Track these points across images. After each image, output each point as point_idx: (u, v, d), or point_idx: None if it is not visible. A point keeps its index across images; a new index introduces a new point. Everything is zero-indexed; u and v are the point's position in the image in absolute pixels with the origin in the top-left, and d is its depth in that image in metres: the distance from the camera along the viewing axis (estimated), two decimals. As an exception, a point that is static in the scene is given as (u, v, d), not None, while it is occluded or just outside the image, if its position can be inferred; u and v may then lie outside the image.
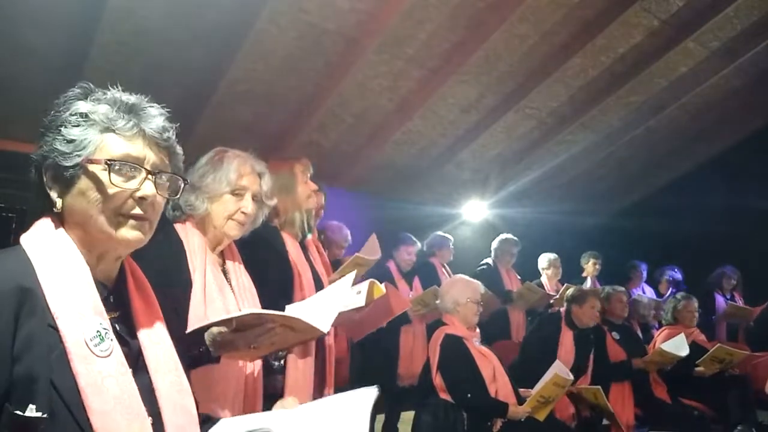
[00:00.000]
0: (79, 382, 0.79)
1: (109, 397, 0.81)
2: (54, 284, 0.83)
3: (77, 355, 0.80)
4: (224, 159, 1.58)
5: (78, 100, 0.91)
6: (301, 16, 3.32)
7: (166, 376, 0.93)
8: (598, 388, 3.29)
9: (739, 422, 3.68)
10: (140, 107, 0.93)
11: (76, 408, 0.78)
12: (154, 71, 3.48)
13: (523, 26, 3.76)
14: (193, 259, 1.49)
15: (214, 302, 1.46)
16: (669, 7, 3.83)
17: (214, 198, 1.55)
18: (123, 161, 0.90)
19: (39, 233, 0.90)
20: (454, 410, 2.86)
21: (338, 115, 4.37)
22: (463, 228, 6.19)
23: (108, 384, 0.82)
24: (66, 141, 0.88)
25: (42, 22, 3.05)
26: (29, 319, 0.78)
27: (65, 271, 0.86)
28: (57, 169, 0.89)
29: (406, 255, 4.30)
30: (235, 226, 1.57)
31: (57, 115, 0.91)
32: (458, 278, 3.28)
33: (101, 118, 0.90)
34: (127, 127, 0.91)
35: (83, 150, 0.88)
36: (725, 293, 5.07)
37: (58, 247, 0.88)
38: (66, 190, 0.89)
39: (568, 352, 3.53)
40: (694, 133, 5.71)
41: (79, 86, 0.93)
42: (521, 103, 4.58)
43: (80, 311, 0.84)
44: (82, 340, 0.82)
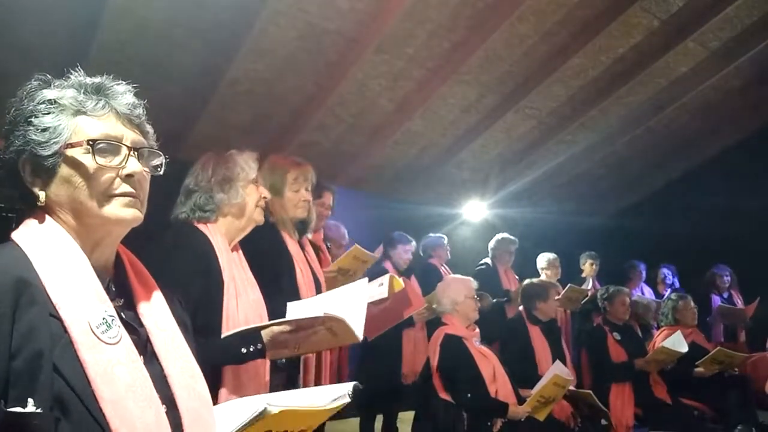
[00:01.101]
0: (87, 371, 0.77)
1: (121, 385, 0.79)
2: (53, 274, 0.81)
3: (84, 344, 0.78)
4: (234, 155, 1.70)
5: (41, 89, 0.89)
6: (301, 16, 3.32)
7: (177, 362, 0.92)
8: (590, 393, 3.29)
9: (739, 422, 3.68)
10: (106, 86, 0.91)
11: (87, 398, 0.76)
12: (154, 71, 3.48)
13: (523, 26, 3.77)
14: (222, 258, 1.57)
15: (241, 296, 1.57)
16: (669, 7, 3.84)
17: (245, 186, 1.67)
18: (103, 140, 0.87)
19: (30, 228, 0.87)
20: (454, 410, 2.86)
21: (338, 115, 4.37)
22: (463, 228, 6.19)
23: (118, 372, 0.80)
24: (40, 130, 0.85)
25: (42, 22, 3.05)
26: (29, 310, 0.76)
27: (63, 260, 0.83)
28: (35, 161, 0.86)
29: (404, 253, 4.29)
30: (260, 212, 1.72)
31: (22, 107, 0.88)
32: (451, 278, 3.30)
33: (70, 102, 0.88)
34: (98, 107, 0.89)
35: (59, 136, 0.86)
36: (721, 293, 5.06)
37: (52, 237, 0.85)
38: (48, 180, 0.87)
39: (544, 347, 3.51)
40: (694, 133, 5.71)
41: (36, 78, 0.90)
42: (521, 103, 4.58)
43: (83, 299, 0.82)
44: (89, 328, 0.80)
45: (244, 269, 1.68)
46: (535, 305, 3.62)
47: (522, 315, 3.67)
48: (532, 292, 3.69)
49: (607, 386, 3.61)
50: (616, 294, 4.00)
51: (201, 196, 1.63)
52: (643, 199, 6.79)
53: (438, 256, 4.66)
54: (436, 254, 4.67)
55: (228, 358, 1.42)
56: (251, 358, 1.41)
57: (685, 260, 5.46)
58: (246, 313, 1.56)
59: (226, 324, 1.50)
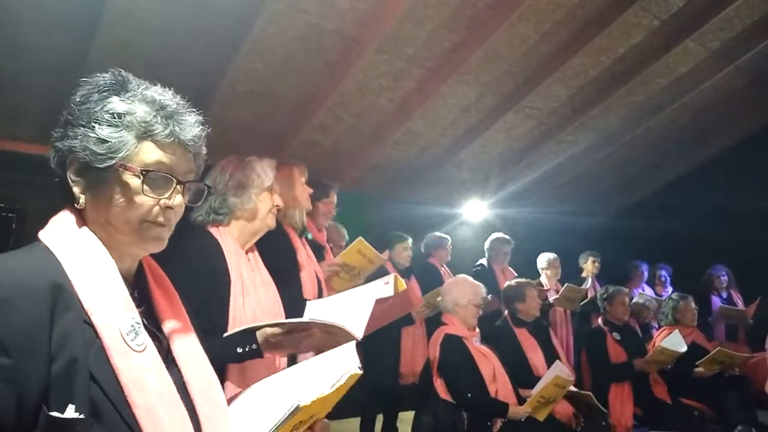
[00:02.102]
0: (120, 378, 0.78)
1: (152, 392, 0.80)
2: (84, 280, 0.81)
3: (116, 350, 0.79)
4: (252, 162, 1.77)
5: (113, 94, 0.88)
6: (301, 16, 3.32)
7: (195, 369, 0.93)
8: (589, 394, 3.29)
9: (739, 422, 3.69)
10: (180, 114, 0.91)
11: (120, 404, 0.77)
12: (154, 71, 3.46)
13: (523, 26, 3.76)
14: (230, 259, 1.62)
15: (250, 296, 1.61)
16: (669, 7, 3.83)
17: (259, 193, 1.75)
18: (157, 171, 0.88)
19: (61, 230, 0.87)
20: (454, 410, 2.86)
21: (338, 115, 4.37)
22: (463, 228, 6.19)
23: (148, 378, 0.81)
24: (99, 140, 0.85)
25: (42, 23, 3.05)
26: (64, 316, 0.76)
27: (93, 266, 0.83)
28: (85, 167, 0.86)
29: (403, 251, 4.30)
30: (273, 218, 1.79)
31: (89, 107, 0.87)
32: (461, 279, 3.26)
33: (139, 122, 0.87)
34: (164, 134, 0.88)
35: (116, 153, 0.85)
36: (720, 293, 5.07)
37: (83, 243, 0.86)
38: (92, 188, 0.87)
39: (534, 347, 3.51)
40: (694, 133, 5.71)
41: (112, 75, 0.89)
42: (521, 103, 4.58)
43: (113, 306, 0.82)
44: (119, 334, 0.80)
45: (258, 270, 1.73)
46: (515, 307, 3.59)
47: (507, 319, 3.64)
48: (509, 294, 3.66)
49: (606, 386, 3.61)
50: (616, 294, 4.00)
51: (216, 199, 1.70)
52: (643, 199, 6.79)
53: (438, 256, 4.67)
54: (437, 254, 4.67)
55: (226, 357, 1.45)
56: (247, 357, 1.44)
57: (685, 260, 5.46)
58: (254, 312, 1.59)
59: (233, 324, 1.54)
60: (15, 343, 0.71)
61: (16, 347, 0.71)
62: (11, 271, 0.76)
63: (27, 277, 0.76)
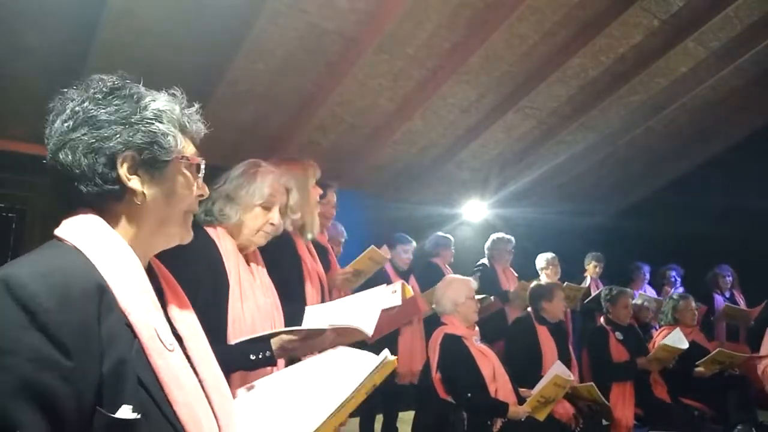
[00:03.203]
0: (160, 377, 0.79)
1: (188, 389, 0.83)
2: (119, 280, 0.81)
3: (155, 350, 0.80)
4: (258, 174, 1.68)
5: (142, 97, 0.91)
6: (301, 16, 3.32)
7: (209, 367, 0.95)
8: (591, 385, 3.30)
9: (739, 422, 3.69)
10: (192, 113, 0.97)
11: (163, 403, 0.78)
12: (154, 71, 3.46)
13: (523, 26, 3.77)
14: (228, 261, 1.58)
15: (248, 300, 1.57)
16: (669, 7, 3.84)
17: (246, 209, 1.65)
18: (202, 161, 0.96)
19: (84, 230, 0.85)
20: (454, 410, 2.86)
21: (338, 115, 4.37)
22: (463, 228, 6.19)
23: (182, 376, 0.83)
24: (163, 134, 0.89)
25: (42, 23, 3.05)
26: (108, 316, 0.77)
27: (125, 267, 0.84)
28: (145, 163, 0.88)
29: (404, 254, 4.30)
30: (262, 236, 1.69)
31: (125, 106, 0.88)
32: (452, 278, 3.28)
33: (177, 118, 0.93)
34: (192, 130, 0.96)
35: (176, 146, 0.90)
36: (723, 293, 5.07)
37: (112, 243, 0.85)
38: (151, 183, 0.89)
39: (551, 347, 3.53)
40: (694, 133, 5.71)
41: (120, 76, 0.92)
42: (521, 103, 4.58)
43: (146, 306, 0.83)
44: (155, 334, 0.82)
45: (258, 273, 1.68)
46: (541, 306, 3.66)
47: (530, 315, 3.70)
48: (537, 292, 3.73)
49: (607, 386, 3.61)
50: (620, 296, 4.00)
51: (209, 201, 1.64)
52: (643, 199, 6.80)
53: (442, 256, 4.67)
54: (441, 254, 4.67)
55: (237, 365, 1.43)
56: (261, 365, 1.43)
57: (685, 260, 5.47)
58: (253, 317, 1.56)
59: (232, 328, 1.51)
60: (74, 344, 0.71)
61: (76, 348, 0.71)
62: (59, 271, 0.75)
63: (77, 277, 0.76)
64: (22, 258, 0.78)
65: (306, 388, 1.05)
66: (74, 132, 0.85)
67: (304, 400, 1.00)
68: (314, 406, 0.96)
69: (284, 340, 1.43)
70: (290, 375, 1.14)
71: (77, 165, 0.84)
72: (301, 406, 0.98)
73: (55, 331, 0.69)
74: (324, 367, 1.10)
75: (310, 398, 1.00)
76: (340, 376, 1.00)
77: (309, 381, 1.07)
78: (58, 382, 0.68)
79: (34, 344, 0.68)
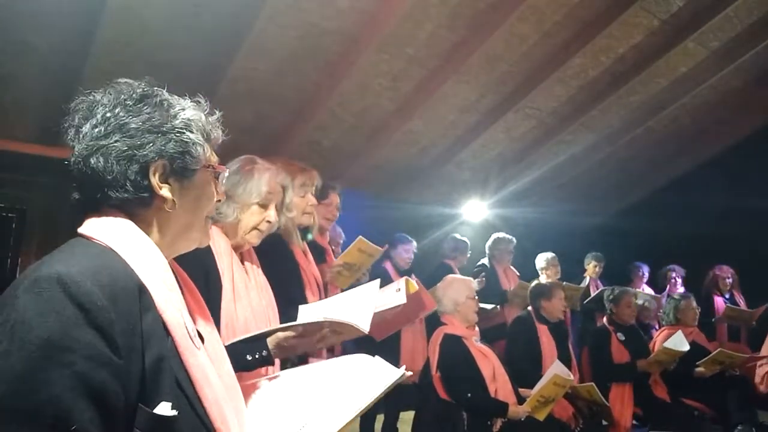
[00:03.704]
0: (192, 374, 0.81)
1: (216, 387, 0.85)
2: (153, 280, 0.83)
3: (186, 348, 0.82)
4: (255, 171, 1.64)
5: (172, 105, 0.94)
6: (301, 16, 3.32)
7: (224, 364, 0.97)
8: (592, 385, 3.30)
9: (739, 422, 3.69)
10: (215, 121, 1.01)
11: (195, 400, 0.80)
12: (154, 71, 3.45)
13: (523, 26, 3.77)
14: (221, 261, 1.55)
15: (242, 300, 1.55)
16: (669, 7, 3.84)
17: (243, 208, 1.61)
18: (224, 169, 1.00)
19: (114, 230, 0.86)
20: (454, 410, 2.86)
21: (338, 115, 4.37)
22: (463, 228, 6.18)
23: (210, 374, 0.85)
24: (195, 144, 0.91)
25: (42, 23, 3.05)
26: (147, 315, 0.79)
27: (156, 268, 0.86)
28: (176, 171, 0.90)
29: (404, 254, 4.30)
30: (257, 235, 1.65)
31: (157, 115, 0.89)
32: (451, 279, 3.28)
33: (203, 127, 0.96)
34: (215, 137, 0.99)
35: (203, 155, 0.93)
36: (723, 293, 5.05)
37: (143, 244, 0.87)
38: (180, 190, 0.91)
39: (551, 347, 3.53)
40: (694, 133, 5.71)
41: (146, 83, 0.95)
42: (521, 103, 4.58)
43: (177, 306, 0.85)
44: (186, 333, 0.84)
45: (252, 273, 1.66)
46: (540, 304, 3.66)
47: (530, 314, 3.70)
48: (536, 291, 3.75)
49: (607, 386, 3.61)
50: (622, 295, 3.99)
51: None
52: (643, 199, 6.79)
53: (457, 259, 4.67)
54: (456, 258, 4.67)
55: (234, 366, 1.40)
56: (258, 365, 1.41)
57: (685, 260, 5.46)
58: (246, 318, 1.53)
59: (225, 329, 1.48)
60: (123, 341, 0.73)
61: (124, 346, 0.73)
62: (105, 270, 0.77)
63: (120, 276, 0.78)
64: (59, 255, 0.79)
65: (320, 394, 1.05)
66: (106, 138, 0.86)
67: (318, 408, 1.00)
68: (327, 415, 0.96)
69: (280, 338, 1.40)
70: (304, 376, 1.14)
71: (109, 171, 0.85)
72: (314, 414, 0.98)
73: (108, 328, 0.72)
74: (340, 374, 1.09)
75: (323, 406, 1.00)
76: (356, 387, 1.01)
77: (323, 387, 1.07)
78: (110, 379, 0.71)
79: (89, 341, 0.70)
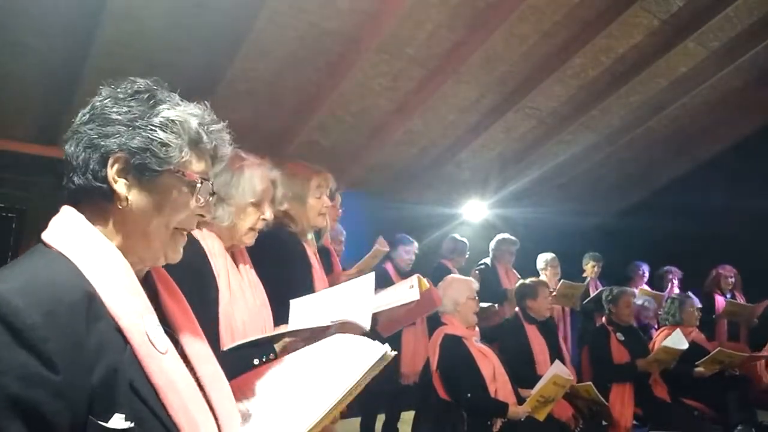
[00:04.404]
0: (155, 382, 0.78)
1: (183, 392, 0.82)
2: (108, 286, 0.80)
3: (146, 355, 0.79)
4: (245, 168, 1.57)
5: (158, 101, 0.89)
6: (301, 16, 3.32)
7: (208, 365, 0.94)
8: (590, 384, 3.30)
9: (739, 422, 3.69)
10: (221, 132, 0.96)
11: (158, 408, 0.78)
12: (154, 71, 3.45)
13: (523, 26, 3.77)
14: (216, 263, 1.50)
15: (238, 303, 1.51)
16: (669, 7, 3.84)
17: (239, 210, 1.55)
18: (208, 180, 0.92)
19: (70, 234, 0.84)
20: (454, 410, 2.86)
21: (338, 115, 4.37)
22: (463, 228, 6.18)
23: (176, 379, 0.82)
24: (161, 144, 0.86)
25: (42, 22, 3.05)
26: (96, 324, 0.76)
27: (113, 272, 0.82)
28: (136, 168, 0.85)
29: (405, 254, 4.30)
30: (253, 235, 1.60)
31: (135, 110, 0.87)
32: (452, 278, 3.28)
33: (193, 131, 0.90)
34: (208, 147, 0.93)
35: (174, 158, 0.87)
36: (724, 293, 5.05)
37: (99, 247, 0.84)
38: (138, 190, 0.86)
39: (541, 345, 3.53)
40: (693, 133, 5.71)
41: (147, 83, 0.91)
42: (521, 103, 4.58)
43: (137, 311, 0.82)
44: (147, 339, 0.81)
45: (245, 272, 1.62)
46: (526, 304, 3.66)
47: (518, 315, 3.69)
48: (522, 291, 3.74)
49: (607, 385, 3.61)
50: (621, 295, 3.99)
51: None
52: (643, 199, 6.79)
53: (455, 260, 4.67)
54: (454, 259, 4.67)
55: (240, 371, 1.36)
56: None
57: (685, 260, 5.45)
58: (244, 320, 1.50)
59: (225, 333, 1.45)
60: (62, 357, 0.70)
61: (63, 362, 0.70)
62: (45, 283, 0.74)
63: (61, 288, 0.75)
64: (6, 269, 0.77)
65: (304, 381, 1.04)
66: (85, 125, 0.86)
67: (302, 395, 1.00)
68: (311, 401, 0.96)
69: (288, 343, 1.37)
70: (288, 366, 1.14)
71: (75, 157, 0.85)
72: (299, 402, 0.98)
73: (41, 347, 0.69)
74: (322, 359, 1.09)
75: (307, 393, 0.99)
76: (339, 370, 1.00)
77: (307, 374, 1.07)
78: (47, 398, 0.68)
79: (20, 361, 0.68)
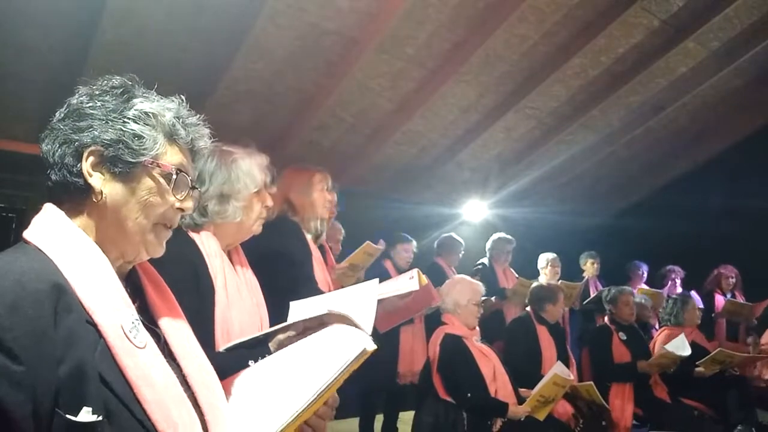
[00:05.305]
0: (129, 376, 0.78)
1: (160, 387, 0.81)
2: (82, 279, 0.80)
3: (121, 349, 0.79)
4: (238, 159, 1.57)
5: (135, 96, 0.90)
6: (301, 16, 3.32)
7: (194, 361, 0.94)
8: (590, 384, 3.30)
9: (739, 422, 3.69)
10: (197, 125, 0.97)
11: (131, 402, 0.77)
12: (154, 71, 3.46)
13: (523, 26, 3.76)
14: (213, 264, 1.50)
15: (235, 304, 1.50)
16: (669, 7, 3.83)
17: (246, 204, 1.56)
18: (185, 173, 0.92)
19: (48, 230, 0.84)
20: (454, 410, 2.86)
21: (338, 115, 4.37)
22: (463, 228, 6.19)
23: (154, 374, 0.81)
24: (135, 135, 0.86)
25: (42, 22, 3.05)
26: (67, 316, 0.75)
27: (89, 266, 0.82)
28: (111, 161, 0.85)
29: (404, 253, 4.31)
30: (261, 223, 1.62)
31: (109, 103, 0.87)
32: (460, 279, 3.26)
33: (168, 123, 0.91)
34: (185, 140, 0.94)
35: (149, 150, 0.87)
36: (725, 293, 5.05)
37: (75, 242, 0.84)
38: (114, 183, 0.86)
39: (551, 347, 3.55)
40: (694, 133, 5.71)
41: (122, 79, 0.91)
42: (521, 103, 4.58)
43: (113, 305, 0.82)
44: (122, 332, 0.80)
45: (242, 272, 1.61)
46: (544, 307, 3.68)
47: (530, 315, 3.70)
48: (541, 294, 3.75)
49: (607, 385, 3.61)
50: (619, 295, 3.99)
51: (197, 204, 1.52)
52: (643, 199, 6.79)
53: (449, 258, 4.67)
54: (447, 256, 4.67)
55: (234, 371, 1.38)
56: None
57: (685, 260, 5.46)
58: (240, 320, 1.49)
59: (221, 335, 1.44)
60: (24, 349, 0.70)
61: (26, 353, 0.70)
62: (11, 274, 0.74)
63: (28, 279, 0.74)
64: None
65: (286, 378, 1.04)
66: (61, 122, 0.87)
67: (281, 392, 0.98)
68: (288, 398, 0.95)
69: (282, 339, 1.35)
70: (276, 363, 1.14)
71: (51, 154, 0.86)
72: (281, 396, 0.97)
73: (2, 336, 0.68)
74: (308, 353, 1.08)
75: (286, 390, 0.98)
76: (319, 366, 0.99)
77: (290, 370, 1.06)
78: (7, 389, 0.68)
79: None
